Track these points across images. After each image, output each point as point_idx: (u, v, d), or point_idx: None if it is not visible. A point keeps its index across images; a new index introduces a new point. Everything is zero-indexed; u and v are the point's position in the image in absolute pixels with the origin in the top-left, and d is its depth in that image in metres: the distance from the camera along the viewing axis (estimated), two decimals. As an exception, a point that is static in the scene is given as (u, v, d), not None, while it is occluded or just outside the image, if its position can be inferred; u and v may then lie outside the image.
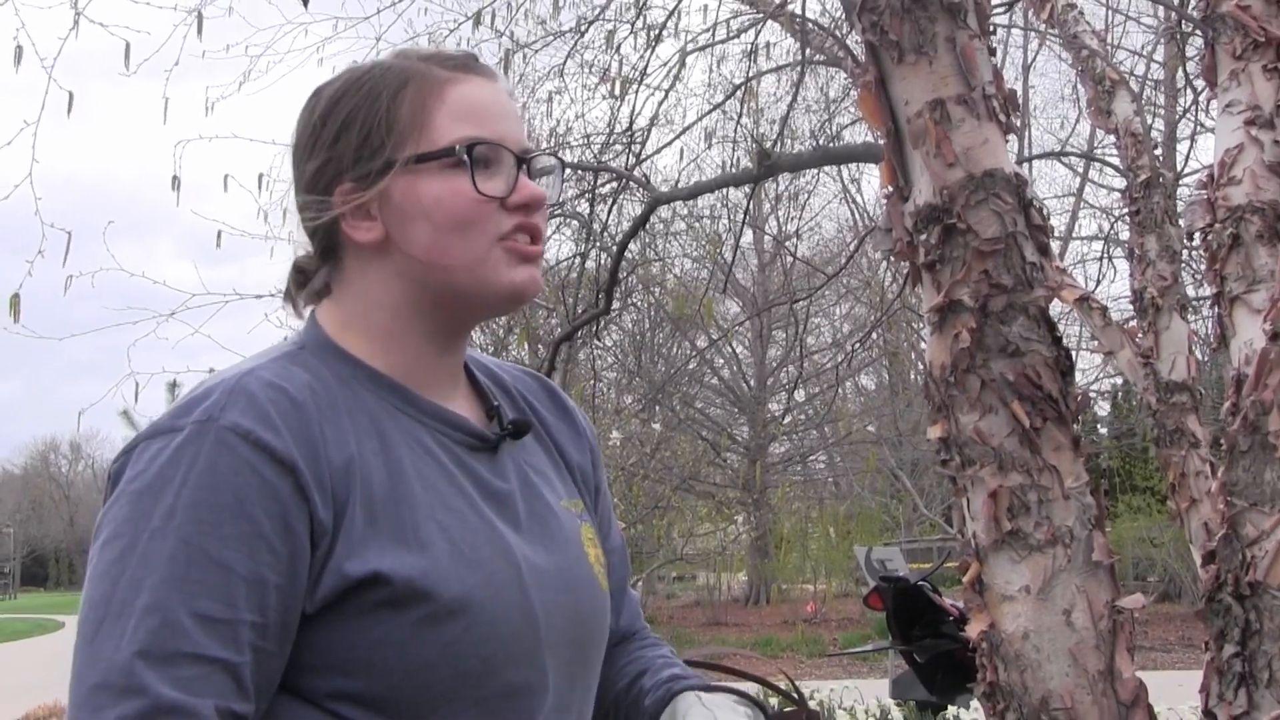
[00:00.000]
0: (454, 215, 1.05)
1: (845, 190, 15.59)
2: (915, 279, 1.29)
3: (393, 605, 0.96)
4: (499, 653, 1.00)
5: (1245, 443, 1.15)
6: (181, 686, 0.87)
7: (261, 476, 0.93)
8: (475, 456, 1.10)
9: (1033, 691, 1.18)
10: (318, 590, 0.95)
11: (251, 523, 0.92)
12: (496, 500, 1.09)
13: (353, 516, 0.97)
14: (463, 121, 1.06)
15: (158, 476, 0.93)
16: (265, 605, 0.92)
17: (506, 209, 1.07)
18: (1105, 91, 3.00)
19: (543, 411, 1.23)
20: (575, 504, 1.19)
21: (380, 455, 1.02)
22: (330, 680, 0.96)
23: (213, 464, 0.92)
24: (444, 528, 1.02)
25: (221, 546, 0.91)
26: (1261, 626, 1.10)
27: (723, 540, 19.32)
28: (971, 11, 1.24)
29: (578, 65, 6.31)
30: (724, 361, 19.35)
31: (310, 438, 0.97)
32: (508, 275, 1.07)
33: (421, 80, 1.07)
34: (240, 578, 0.91)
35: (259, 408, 0.96)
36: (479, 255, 1.06)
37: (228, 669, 0.90)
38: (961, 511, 1.27)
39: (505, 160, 1.07)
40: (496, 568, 1.03)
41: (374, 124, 1.06)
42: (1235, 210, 1.56)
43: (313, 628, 0.96)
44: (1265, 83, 1.59)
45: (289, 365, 1.03)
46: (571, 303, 5.75)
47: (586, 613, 1.11)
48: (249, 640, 0.91)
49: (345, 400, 1.03)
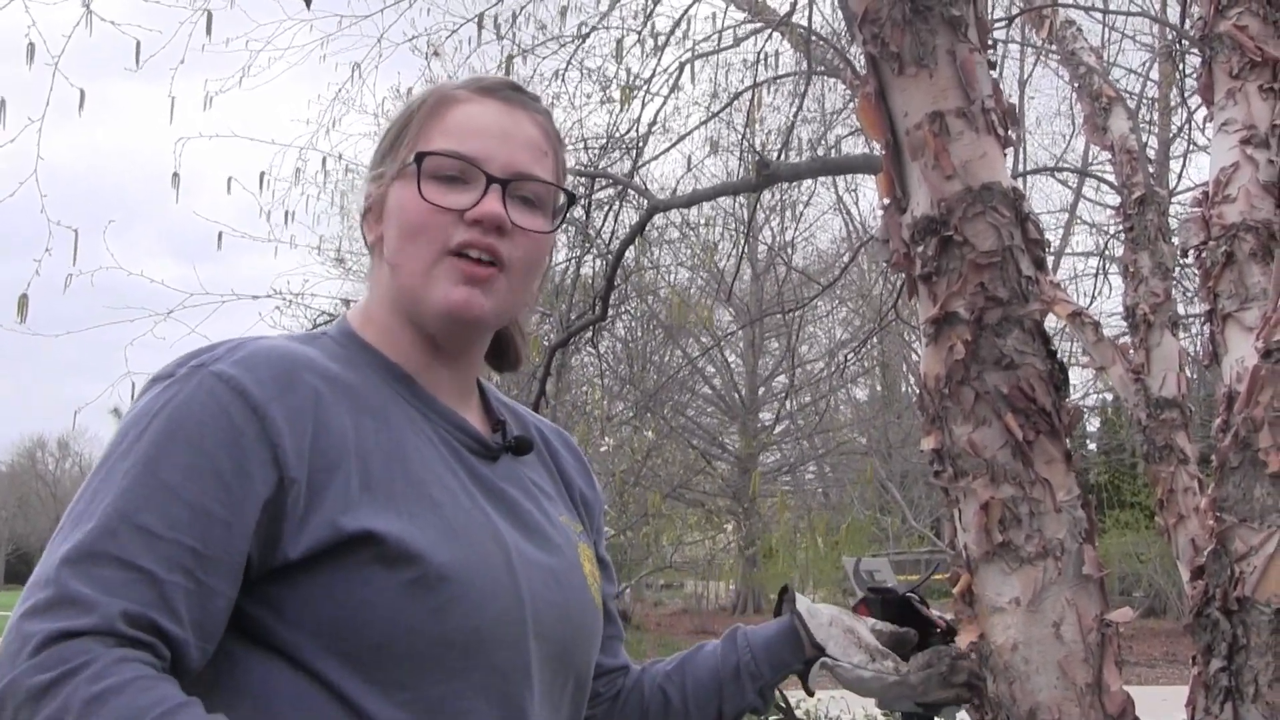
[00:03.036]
0: (405, 221, 1.10)
1: (840, 201, 15.62)
2: (911, 290, 1.29)
3: (383, 563, 0.98)
4: (485, 627, 1.02)
5: (1236, 459, 1.15)
6: (95, 584, 0.91)
7: (229, 417, 0.98)
8: (476, 459, 1.13)
9: (1021, 703, 1.18)
10: (301, 539, 0.98)
11: (207, 457, 0.97)
12: (493, 495, 1.12)
13: (346, 479, 1.00)
14: (449, 136, 1.11)
15: (142, 411, 1.00)
16: (208, 537, 0.95)
17: (465, 223, 1.09)
18: (1102, 108, 3.02)
19: (558, 449, 1.27)
20: (575, 524, 1.22)
21: (381, 434, 1.05)
22: (318, 638, 0.98)
23: (188, 401, 0.99)
24: (437, 503, 1.05)
25: (172, 471, 0.96)
26: (1249, 641, 1.11)
27: (711, 549, 19.32)
28: (972, 25, 1.24)
29: (579, 71, 6.32)
30: (715, 370, 19.36)
31: (298, 397, 1.01)
32: (443, 291, 1.09)
33: (439, 98, 1.14)
34: (184, 502, 0.95)
35: (251, 361, 1.02)
36: (425, 265, 1.09)
37: (153, 582, 0.93)
38: (953, 523, 1.27)
39: (476, 177, 1.10)
40: (486, 547, 1.05)
41: (395, 135, 1.15)
42: (1229, 228, 1.57)
43: (302, 581, 0.98)
44: (1261, 102, 1.60)
45: (301, 343, 1.08)
46: (565, 309, 5.75)
47: (576, 615, 1.13)
48: (182, 562, 0.94)
49: (353, 380, 1.07)
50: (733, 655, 1.27)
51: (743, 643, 1.27)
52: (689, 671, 1.28)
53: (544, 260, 1.16)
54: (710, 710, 1.26)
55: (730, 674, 1.26)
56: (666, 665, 1.30)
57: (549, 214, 1.15)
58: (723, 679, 1.26)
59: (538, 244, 1.13)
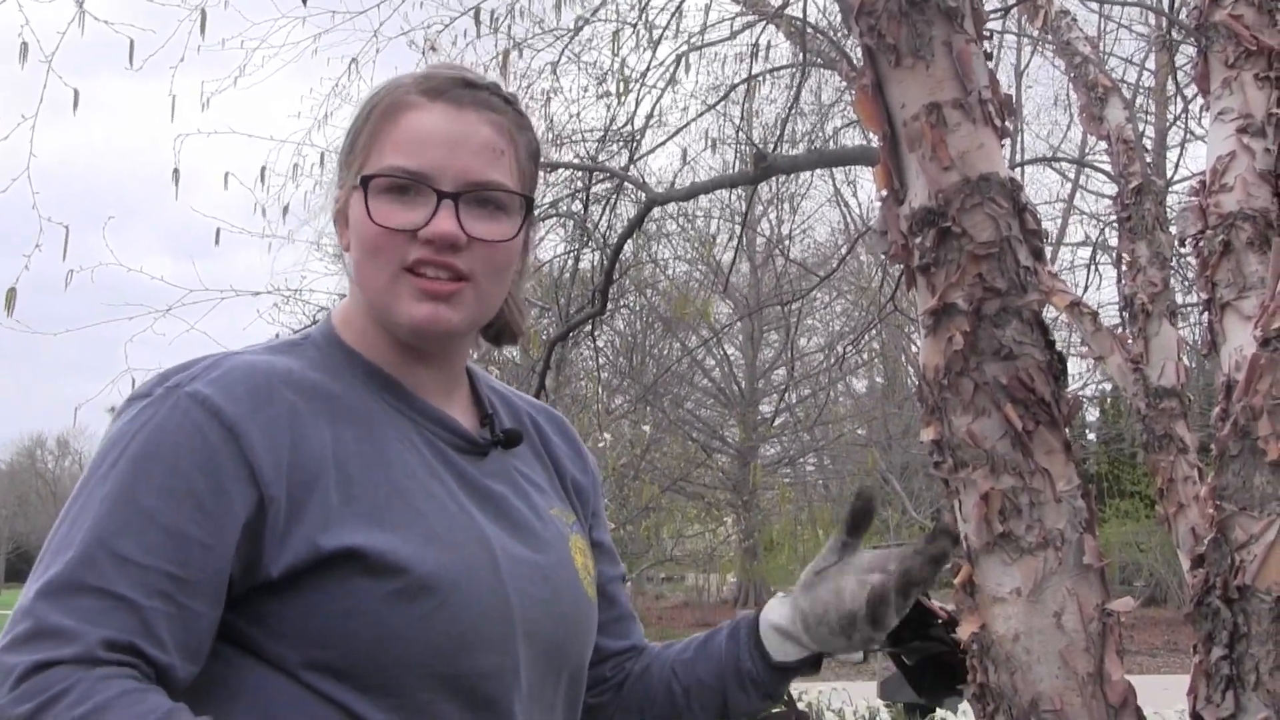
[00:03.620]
0: (362, 240, 1.09)
1: (837, 193, 15.61)
2: (910, 282, 1.29)
3: (367, 575, 0.98)
4: (469, 632, 1.02)
5: (1235, 447, 1.16)
6: (74, 614, 0.91)
7: (205, 437, 0.98)
8: (463, 457, 1.12)
9: (1023, 693, 1.18)
10: (282, 556, 0.98)
11: (183, 478, 0.96)
12: (479, 495, 1.11)
13: (325, 494, 1.00)
14: (398, 150, 1.08)
15: (119, 433, 1.00)
16: (187, 560, 0.95)
17: (419, 241, 1.07)
18: (1098, 98, 3.02)
19: (549, 434, 1.25)
20: (567, 515, 1.20)
21: (362, 442, 1.05)
22: (305, 651, 0.98)
23: (163, 423, 0.99)
24: (421, 513, 1.04)
25: (149, 494, 0.95)
26: (1249, 630, 1.11)
27: (712, 542, 19.35)
28: (968, 16, 1.24)
29: (575, 64, 6.31)
30: (715, 363, 19.36)
31: (272, 413, 1.01)
32: (406, 309, 1.08)
33: (390, 103, 1.11)
34: (160, 527, 0.95)
35: (225, 380, 1.01)
36: (384, 283, 1.08)
37: (133, 609, 0.92)
38: (953, 514, 1.27)
39: (425, 192, 1.07)
40: (470, 551, 1.05)
41: (352, 139, 1.13)
42: (1227, 217, 1.57)
43: (286, 597, 0.98)
44: (1257, 91, 1.60)
45: (280, 355, 1.08)
46: (564, 303, 5.74)
47: (568, 612, 1.12)
48: (161, 588, 0.94)
49: (334, 389, 1.07)
50: (734, 659, 1.22)
51: (746, 643, 1.22)
52: (697, 667, 1.24)
53: (512, 261, 1.12)
54: (714, 713, 1.23)
55: (734, 678, 1.22)
56: (677, 653, 1.26)
57: (513, 212, 1.11)
58: (727, 683, 1.23)
59: (500, 250, 1.09)
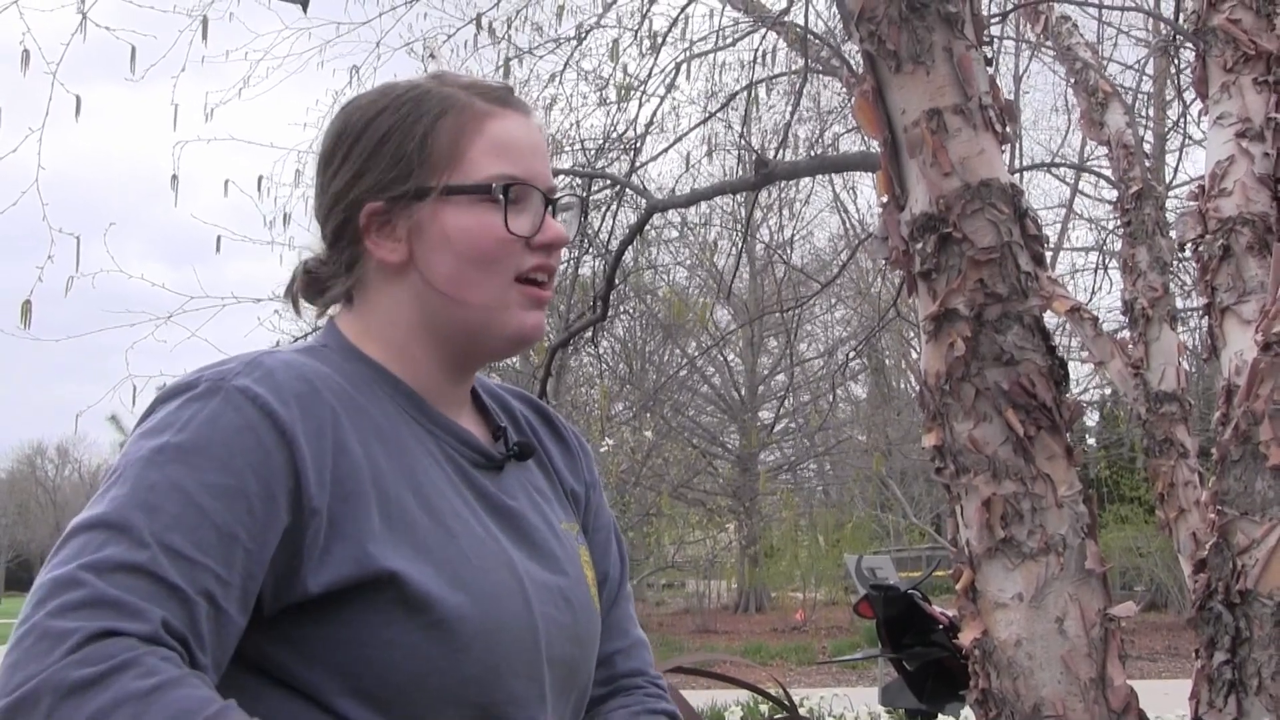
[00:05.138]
0: (479, 250, 1.06)
1: (837, 199, 15.62)
2: (911, 287, 1.30)
3: (404, 606, 0.96)
4: (503, 662, 1.01)
5: (1236, 452, 1.16)
6: (133, 592, 0.86)
7: (258, 438, 0.94)
8: (482, 473, 1.11)
9: (1025, 699, 1.18)
10: (323, 572, 0.95)
11: (237, 478, 0.92)
12: (501, 516, 1.10)
13: (367, 509, 0.97)
14: (498, 158, 1.08)
15: (162, 421, 0.95)
16: (231, 561, 0.91)
17: (530, 248, 1.08)
18: (1098, 103, 3.02)
19: (543, 436, 1.24)
20: (573, 527, 1.20)
21: (394, 459, 1.02)
22: (337, 678, 0.96)
23: (215, 416, 0.94)
24: (453, 534, 1.02)
25: (201, 491, 0.91)
26: (1252, 634, 1.11)
27: (713, 548, 19.33)
28: (969, 21, 1.25)
29: (576, 73, 6.33)
30: (715, 370, 19.36)
31: (319, 420, 0.98)
32: (518, 318, 1.08)
33: (461, 110, 1.09)
34: (212, 525, 0.90)
35: (273, 379, 0.98)
36: (496, 294, 1.07)
37: (185, 603, 0.87)
38: (955, 519, 1.27)
39: (534, 199, 1.08)
40: (502, 579, 1.04)
41: (410, 147, 1.07)
42: (1226, 222, 1.57)
43: (324, 618, 0.96)
44: (1255, 95, 1.60)
45: (309, 357, 1.04)
46: (565, 309, 5.75)
47: (584, 634, 1.13)
48: (207, 588, 0.89)
49: (362, 399, 1.04)
50: None
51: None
52: None
53: None
54: None
55: None
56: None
57: None
58: None
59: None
